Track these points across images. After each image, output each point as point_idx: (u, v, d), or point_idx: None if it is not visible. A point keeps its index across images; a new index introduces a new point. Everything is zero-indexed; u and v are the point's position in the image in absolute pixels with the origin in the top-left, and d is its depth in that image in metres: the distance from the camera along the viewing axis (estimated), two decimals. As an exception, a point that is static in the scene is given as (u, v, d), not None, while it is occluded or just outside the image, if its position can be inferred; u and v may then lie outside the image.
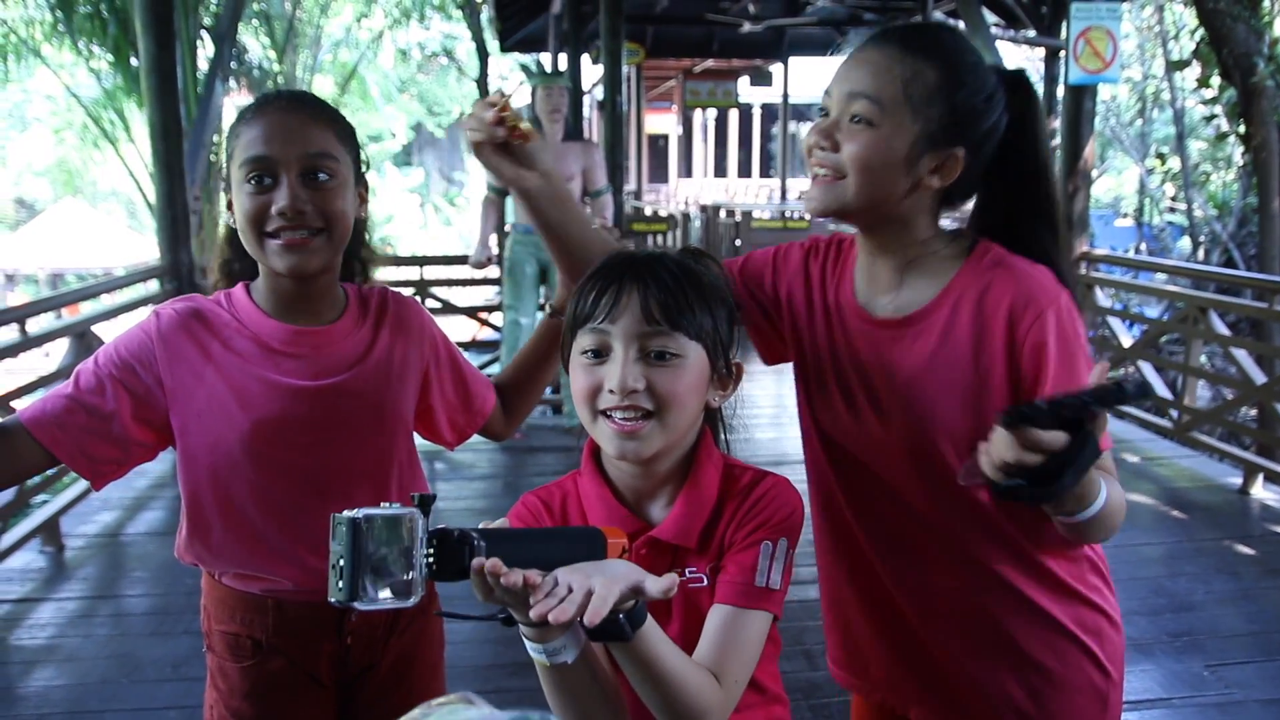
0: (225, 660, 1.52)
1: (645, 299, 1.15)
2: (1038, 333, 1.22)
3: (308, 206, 1.37)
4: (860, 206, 1.27)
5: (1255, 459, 5.09)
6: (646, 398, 1.15)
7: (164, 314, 1.43)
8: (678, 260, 1.22)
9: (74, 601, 3.71)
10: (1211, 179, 13.27)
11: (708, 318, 1.20)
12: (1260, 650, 3.39)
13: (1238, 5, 7.43)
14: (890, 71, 1.23)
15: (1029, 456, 1.02)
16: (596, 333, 1.17)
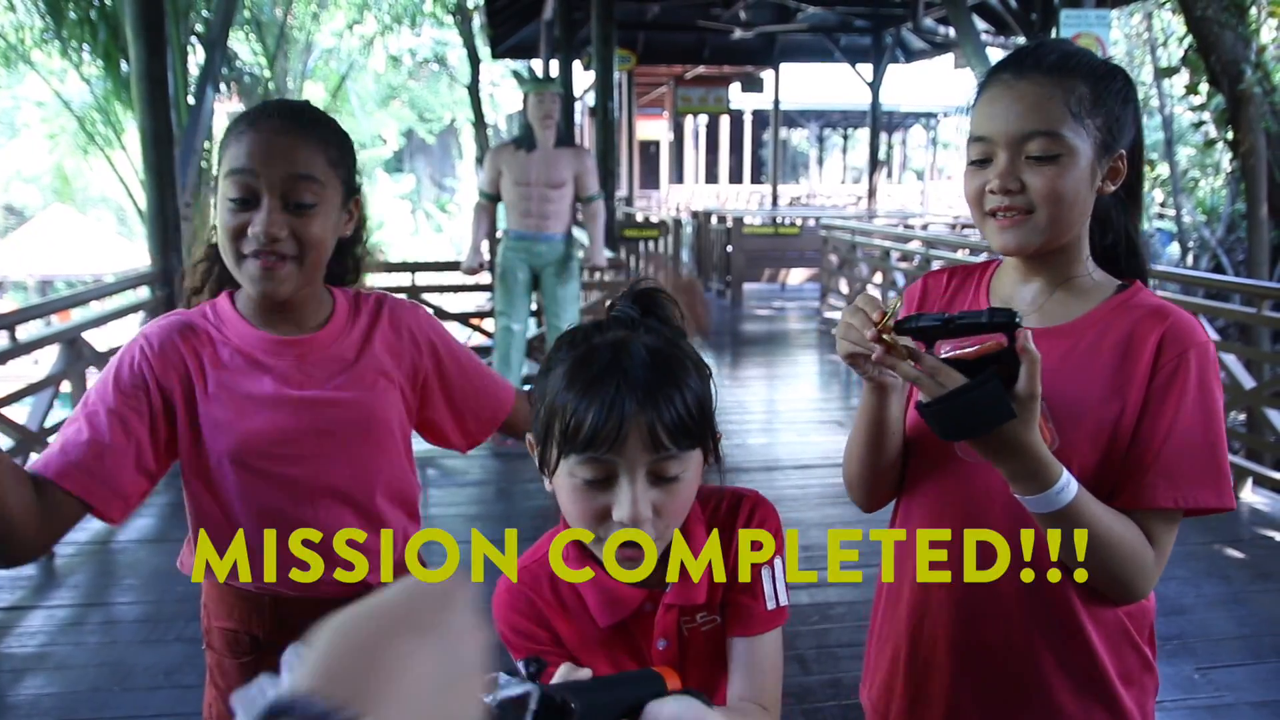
0: (224, 657, 1.52)
1: (654, 426, 1.06)
2: (1178, 365, 1.23)
3: (283, 233, 1.36)
4: (1054, 237, 1.27)
5: (1244, 463, 5.11)
6: (656, 520, 1.10)
7: (150, 334, 1.43)
8: (666, 357, 1.10)
9: (64, 609, 3.69)
10: (1200, 185, 13.35)
11: (705, 420, 1.13)
12: (1250, 653, 3.40)
13: (1225, 13, 7.48)
14: (1051, 99, 1.23)
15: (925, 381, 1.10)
16: (599, 463, 1.07)
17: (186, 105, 8.83)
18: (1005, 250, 1.30)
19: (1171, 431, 1.22)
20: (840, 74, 16.67)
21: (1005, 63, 1.30)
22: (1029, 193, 1.24)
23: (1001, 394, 1.09)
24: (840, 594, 3.80)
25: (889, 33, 14.44)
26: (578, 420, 1.06)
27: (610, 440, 1.05)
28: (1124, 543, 1.21)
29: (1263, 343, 7.46)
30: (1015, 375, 1.10)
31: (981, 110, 1.29)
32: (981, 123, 1.28)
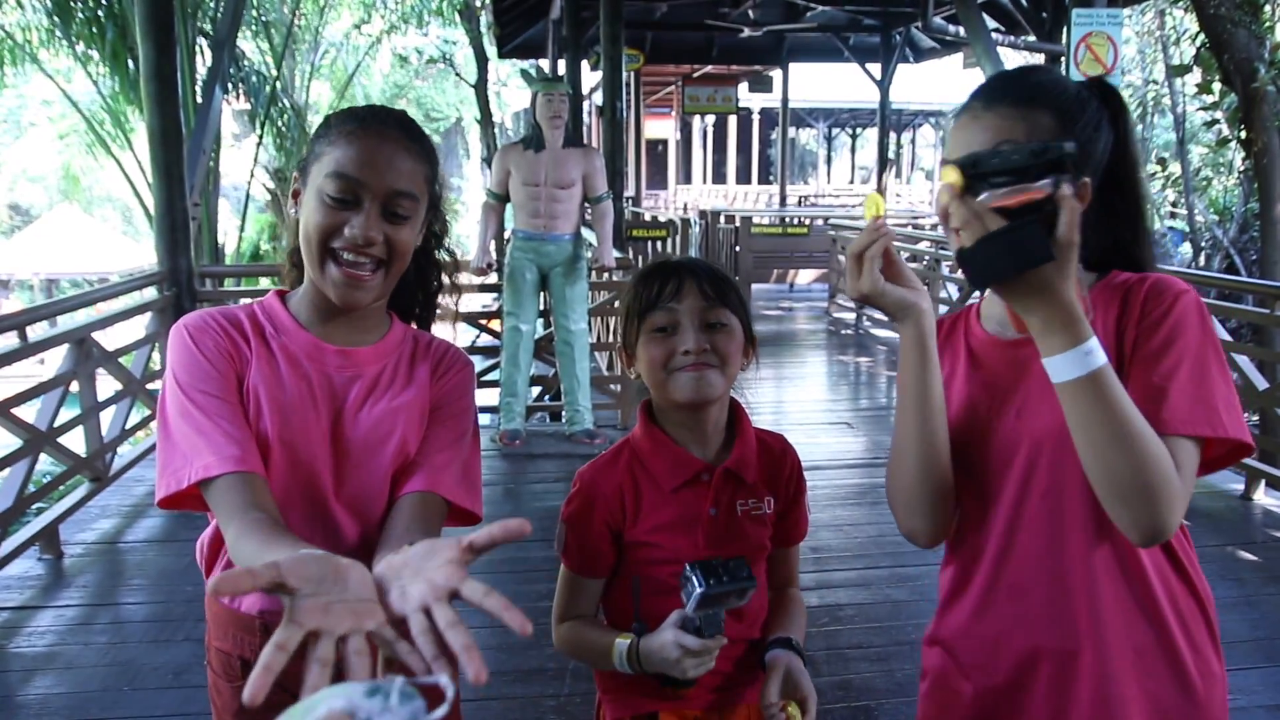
0: (219, 678, 1.50)
1: (700, 283, 1.50)
2: (1165, 311, 1.24)
3: (380, 239, 1.35)
4: None
5: (1258, 465, 5.08)
6: (712, 355, 1.48)
7: (188, 325, 1.40)
8: (708, 263, 1.58)
9: (73, 609, 3.69)
10: (1213, 184, 13.30)
11: (738, 299, 1.54)
12: (1264, 656, 3.38)
13: (1239, 11, 7.43)
14: (1013, 131, 1.26)
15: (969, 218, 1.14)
16: (667, 311, 1.49)
17: (195, 105, 8.84)
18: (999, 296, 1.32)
19: (1183, 364, 1.21)
20: (849, 73, 16.63)
21: (979, 91, 1.33)
22: None
23: (1041, 235, 1.11)
24: (850, 595, 3.79)
25: (898, 31, 14.39)
26: (647, 288, 1.51)
27: (674, 292, 1.49)
28: (1153, 440, 1.14)
29: (1276, 344, 7.41)
30: (1055, 224, 1.12)
31: (953, 135, 1.32)
32: (954, 149, 1.31)
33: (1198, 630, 1.35)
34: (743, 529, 1.54)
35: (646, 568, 1.54)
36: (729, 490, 1.54)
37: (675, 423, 1.55)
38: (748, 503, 1.55)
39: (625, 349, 1.56)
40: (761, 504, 1.56)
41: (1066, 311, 1.13)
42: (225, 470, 1.29)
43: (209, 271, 6.18)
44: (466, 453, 1.49)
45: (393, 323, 1.52)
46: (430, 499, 1.42)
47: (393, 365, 1.48)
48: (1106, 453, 1.15)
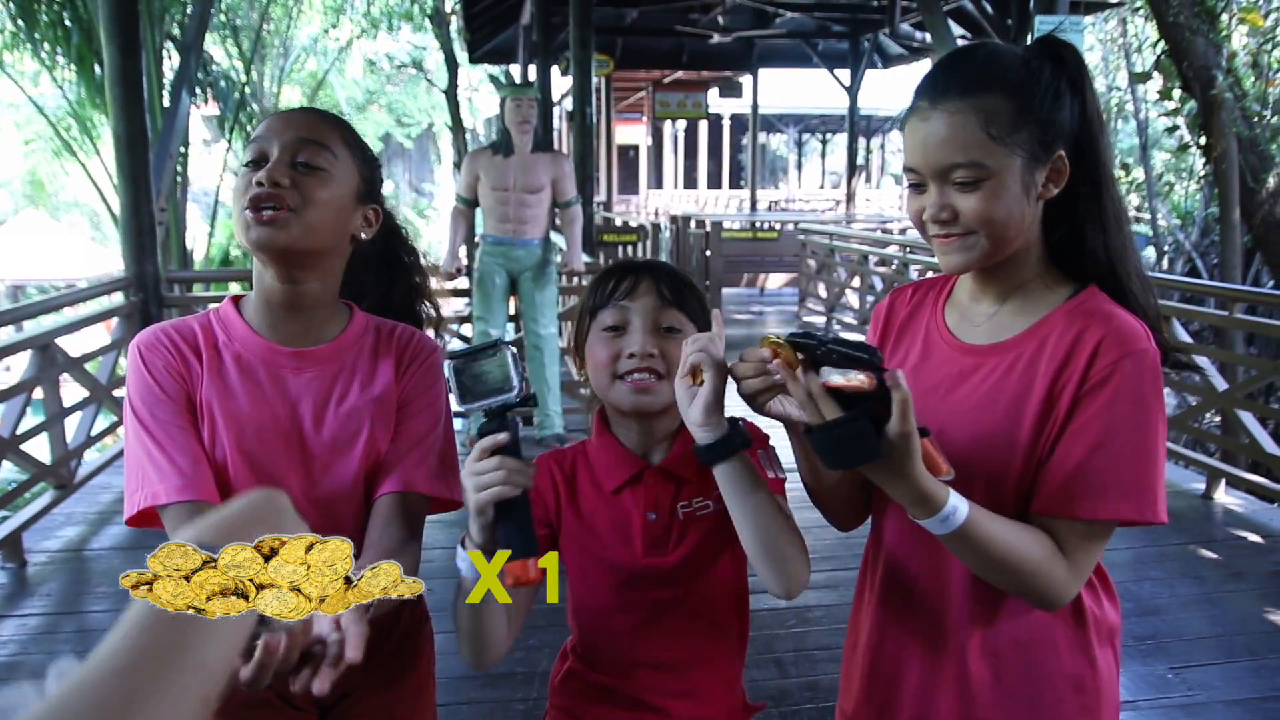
0: None
1: (658, 284, 1.42)
2: (1111, 372, 1.21)
3: (286, 181, 1.34)
4: (995, 254, 1.27)
5: (1218, 465, 5.16)
6: (660, 362, 1.39)
7: (140, 344, 1.40)
8: (669, 265, 1.51)
9: (36, 618, 3.66)
10: (1175, 189, 13.47)
11: (699, 306, 1.45)
12: (1223, 653, 3.43)
13: (1197, 19, 7.54)
14: (966, 126, 1.21)
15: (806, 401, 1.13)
16: (618, 309, 1.41)
17: (161, 109, 8.78)
18: (951, 270, 1.31)
19: (1098, 441, 1.20)
20: (818, 79, 16.75)
21: (922, 87, 1.27)
22: (963, 218, 1.23)
23: (869, 432, 1.10)
24: (818, 597, 3.81)
25: (866, 38, 14.51)
26: (602, 285, 1.44)
27: (628, 290, 1.41)
28: (1027, 560, 1.20)
29: (1236, 345, 7.54)
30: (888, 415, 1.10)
31: (907, 139, 1.28)
32: (908, 153, 1.28)
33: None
34: (685, 531, 1.44)
35: (579, 576, 1.47)
36: (669, 491, 1.44)
37: (625, 427, 1.47)
38: (691, 503, 1.44)
39: (576, 348, 1.49)
40: (708, 500, 1.44)
41: (914, 491, 1.14)
42: (171, 500, 1.32)
43: (176, 277, 6.15)
44: (440, 441, 1.49)
45: (353, 315, 1.50)
46: (408, 498, 1.44)
47: (353, 361, 1.47)
48: (986, 572, 1.24)
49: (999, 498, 1.25)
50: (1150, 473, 1.21)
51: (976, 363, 1.32)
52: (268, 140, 1.37)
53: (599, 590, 1.45)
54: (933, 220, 1.25)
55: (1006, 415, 1.27)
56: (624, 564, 1.42)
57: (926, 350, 1.39)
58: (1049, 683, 1.33)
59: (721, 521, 1.40)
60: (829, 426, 1.11)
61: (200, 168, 17.19)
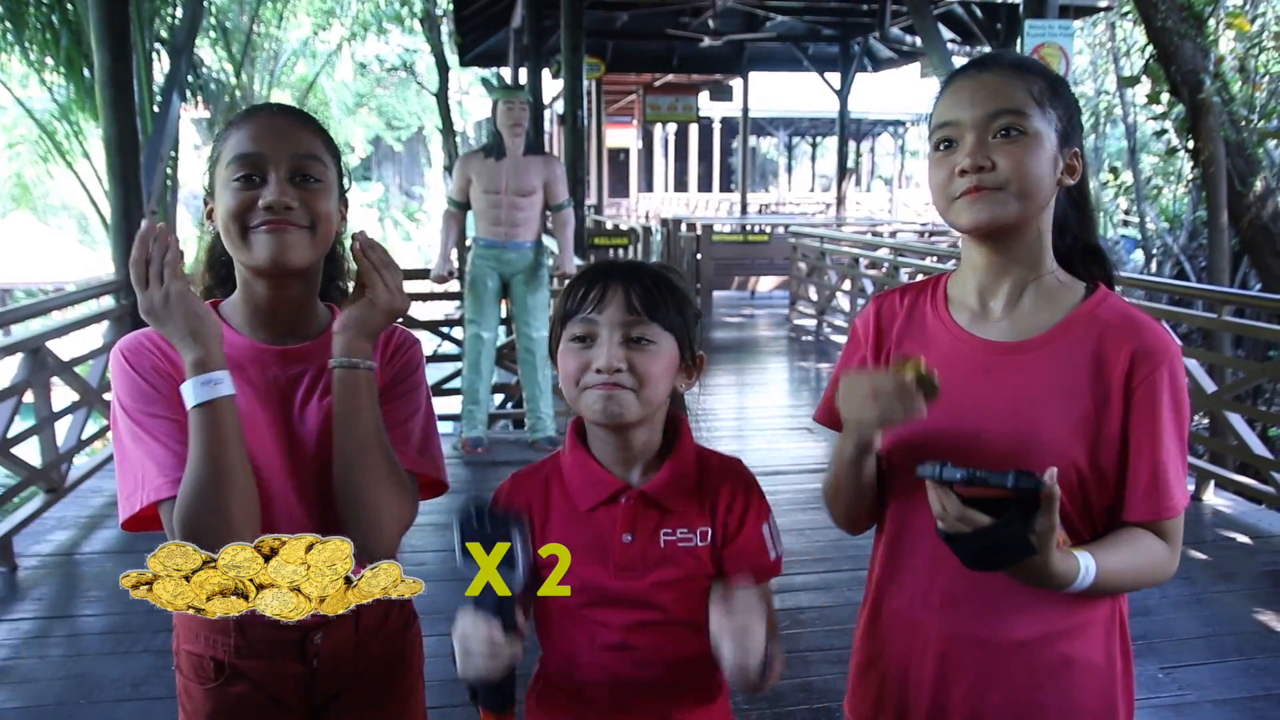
0: (190, 681, 1.49)
1: (628, 293, 1.34)
2: (1153, 383, 1.28)
3: (295, 203, 1.35)
4: (1021, 215, 1.29)
5: (1207, 466, 5.19)
6: (628, 376, 1.32)
7: (124, 348, 1.40)
8: (652, 267, 1.41)
9: (28, 622, 3.64)
10: (1163, 193, 13.52)
11: (678, 314, 1.37)
12: (1213, 653, 3.45)
13: (1184, 24, 7.59)
14: (1013, 85, 1.28)
15: (950, 519, 1.15)
16: (585, 321, 1.34)
17: (152, 112, 8.76)
18: (976, 225, 1.29)
19: (1159, 447, 1.28)
20: (808, 82, 16.80)
21: (966, 65, 1.36)
22: (999, 170, 1.26)
23: (1024, 533, 1.13)
24: (811, 599, 3.82)
25: (856, 41, 14.56)
26: (572, 293, 1.37)
27: (595, 303, 1.33)
28: (1144, 567, 1.30)
29: (1224, 347, 7.56)
30: (1035, 509, 1.13)
31: (946, 101, 1.32)
32: (947, 110, 1.31)
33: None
34: (665, 559, 1.38)
35: (558, 605, 1.42)
36: (650, 517, 1.39)
37: (598, 440, 1.41)
38: (675, 532, 1.39)
39: (552, 355, 1.43)
40: (692, 534, 1.39)
41: (1053, 576, 1.19)
42: (173, 494, 1.31)
43: (167, 280, 6.12)
44: (423, 425, 1.50)
45: (333, 315, 1.51)
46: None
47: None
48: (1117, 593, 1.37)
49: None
50: (1185, 460, 1.33)
51: (1005, 360, 1.34)
52: (259, 155, 1.35)
53: (569, 607, 1.40)
54: (972, 169, 1.27)
55: (1051, 413, 1.30)
56: (596, 583, 1.38)
57: (941, 349, 1.38)
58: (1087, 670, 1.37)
59: (699, 558, 1.39)
60: (981, 533, 1.14)
61: (190, 171, 17.14)
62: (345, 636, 1.50)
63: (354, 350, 1.37)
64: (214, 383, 1.30)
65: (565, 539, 1.37)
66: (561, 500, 1.42)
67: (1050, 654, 1.35)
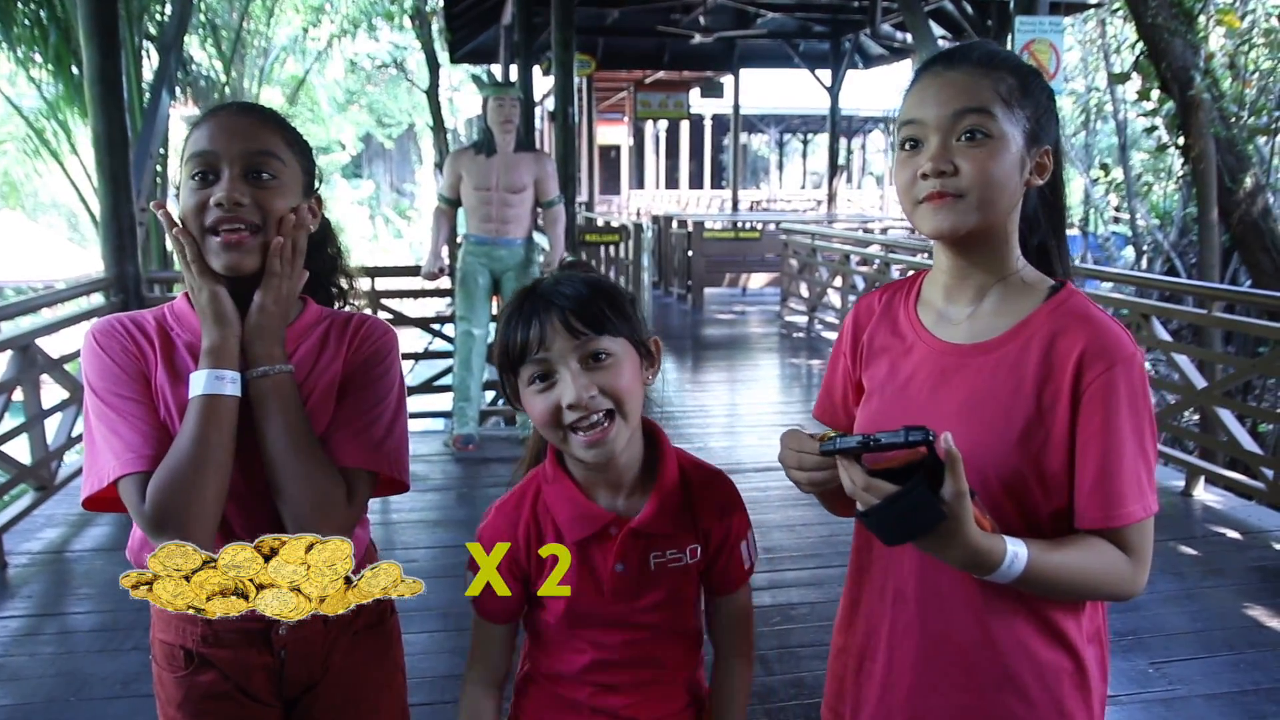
0: (163, 670, 1.51)
1: (565, 318, 1.29)
2: (1104, 384, 1.23)
3: (246, 200, 1.36)
4: (985, 222, 1.27)
5: (1197, 462, 5.21)
6: (603, 400, 1.29)
7: (95, 331, 1.42)
8: (571, 279, 1.35)
9: (17, 620, 3.63)
10: (1153, 189, 13.56)
11: (617, 314, 1.33)
12: (1202, 647, 3.46)
13: (1175, 20, 7.61)
14: (980, 83, 1.25)
15: (859, 492, 1.13)
16: (537, 362, 1.30)
17: (141, 109, 8.72)
18: (938, 233, 1.28)
19: (1109, 452, 1.23)
20: (800, 79, 16.80)
21: (934, 58, 1.32)
22: (961, 175, 1.24)
23: (929, 498, 1.11)
24: (802, 595, 3.83)
25: (847, 38, 14.56)
26: (510, 338, 1.32)
27: (538, 341, 1.29)
28: (1092, 573, 1.24)
29: (1214, 343, 7.60)
30: (941, 477, 1.11)
31: (913, 98, 1.30)
32: (912, 108, 1.29)
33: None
34: (657, 581, 1.41)
35: (540, 612, 1.45)
36: (640, 545, 1.39)
37: (582, 470, 1.39)
38: (664, 554, 1.40)
39: (511, 400, 1.39)
40: (681, 554, 1.41)
41: (974, 551, 1.15)
42: (138, 469, 1.33)
43: (157, 277, 6.11)
44: (388, 419, 1.48)
45: (306, 306, 1.52)
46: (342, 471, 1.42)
47: (299, 349, 1.48)
48: (1056, 596, 1.29)
49: (994, 499, 1.26)
50: (1150, 468, 1.26)
51: (960, 363, 1.32)
52: (213, 153, 1.37)
53: (560, 628, 1.42)
54: (933, 172, 1.25)
55: (996, 417, 1.27)
56: (590, 609, 1.40)
57: (905, 350, 1.39)
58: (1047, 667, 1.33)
59: (690, 573, 1.43)
60: (887, 503, 1.12)
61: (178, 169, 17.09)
62: (313, 629, 1.50)
63: (263, 358, 1.38)
64: (223, 379, 1.34)
65: (555, 564, 1.37)
66: (551, 531, 1.40)
67: (995, 661, 1.32)
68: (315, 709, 1.55)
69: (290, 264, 1.40)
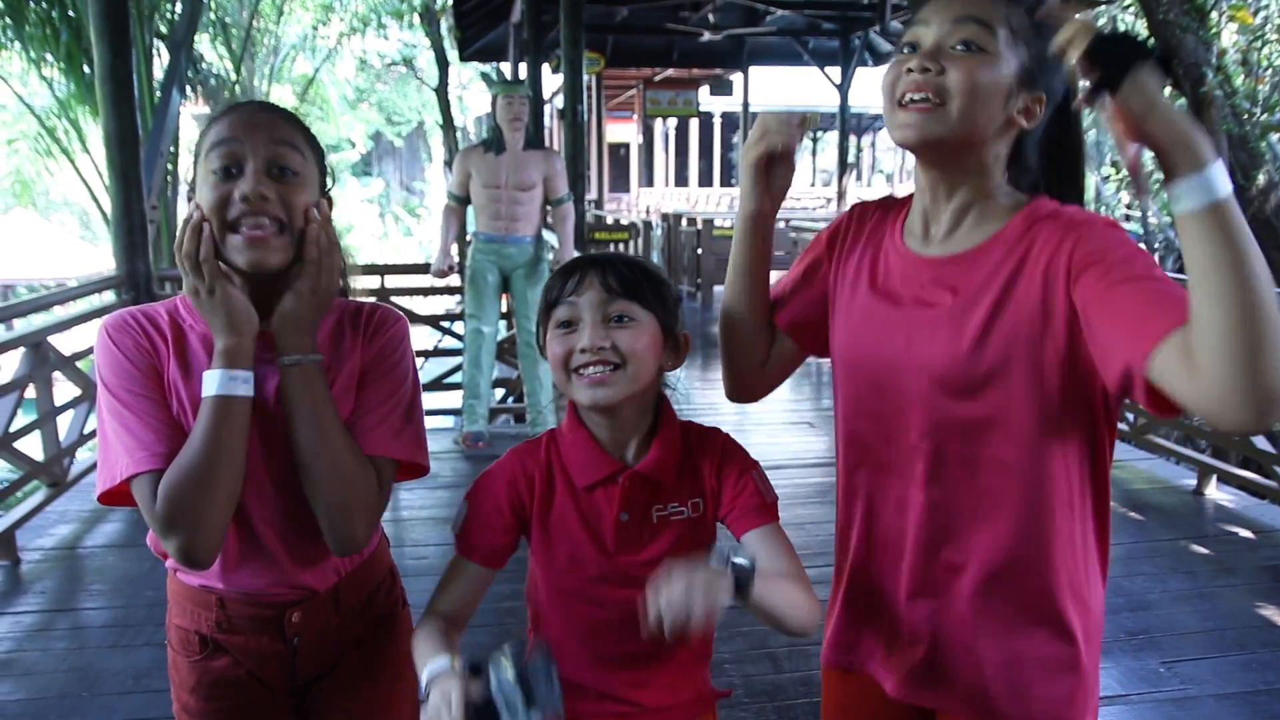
0: (178, 654, 1.53)
1: (605, 276, 1.40)
2: (1090, 246, 1.19)
3: (271, 195, 1.36)
4: (959, 136, 1.25)
5: (1209, 461, 5.18)
6: (613, 353, 1.38)
7: (108, 325, 1.42)
8: (627, 255, 1.49)
9: (31, 615, 3.65)
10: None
11: (655, 295, 1.43)
12: (1214, 647, 3.45)
13: (1186, 17, 7.58)
14: (994, 5, 1.25)
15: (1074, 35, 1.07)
16: (568, 305, 1.40)
17: (152, 108, 8.75)
18: (905, 140, 1.27)
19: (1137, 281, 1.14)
20: (809, 77, 16.75)
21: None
22: (946, 77, 1.24)
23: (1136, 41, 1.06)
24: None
25: (857, 36, 14.53)
26: (552, 284, 1.44)
27: (574, 288, 1.40)
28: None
29: (1225, 342, 7.56)
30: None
31: (923, 10, 1.30)
32: (921, 13, 1.29)
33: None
34: (658, 533, 1.44)
35: (544, 570, 1.47)
36: (643, 494, 1.44)
37: (593, 421, 1.46)
38: (665, 507, 1.44)
39: (541, 348, 1.48)
40: (683, 507, 1.45)
41: (1178, 124, 1.04)
42: (151, 467, 1.33)
43: (168, 275, 6.13)
44: (404, 406, 1.49)
45: None
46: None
47: (321, 341, 1.47)
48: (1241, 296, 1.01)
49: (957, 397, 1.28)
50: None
51: (937, 275, 1.33)
52: (237, 145, 1.36)
53: (565, 585, 1.45)
54: (919, 69, 1.25)
55: (975, 324, 1.27)
56: (594, 561, 1.43)
57: (884, 264, 1.41)
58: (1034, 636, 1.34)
59: (693, 527, 1.45)
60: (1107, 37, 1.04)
61: (190, 166, 17.17)
62: (326, 617, 1.52)
63: (295, 347, 1.38)
64: (237, 379, 1.33)
65: (564, 514, 1.44)
66: (561, 476, 1.46)
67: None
68: (326, 698, 1.56)
69: (328, 255, 1.40)
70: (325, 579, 1.52)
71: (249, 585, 1.47)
